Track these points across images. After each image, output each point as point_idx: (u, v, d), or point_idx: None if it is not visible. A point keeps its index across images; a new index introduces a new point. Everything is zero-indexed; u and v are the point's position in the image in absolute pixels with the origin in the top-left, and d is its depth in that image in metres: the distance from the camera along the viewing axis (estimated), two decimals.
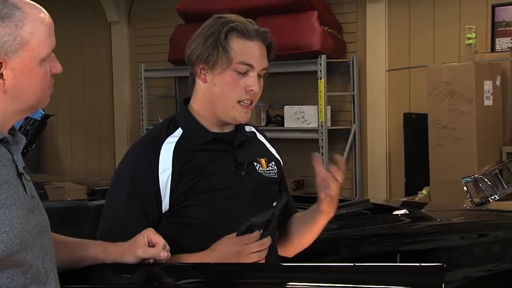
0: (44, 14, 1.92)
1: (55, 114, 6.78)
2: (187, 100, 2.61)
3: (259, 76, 2.52)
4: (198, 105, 2.56)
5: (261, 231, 2.33)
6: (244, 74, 2.48)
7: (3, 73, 1.86)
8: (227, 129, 2.57)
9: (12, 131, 1.97)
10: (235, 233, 2.34)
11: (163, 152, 2.47)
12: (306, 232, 2.71)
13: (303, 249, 2.76)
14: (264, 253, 2.36)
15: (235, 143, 2.57)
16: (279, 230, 2.70)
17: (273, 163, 2.68)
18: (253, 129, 2.72)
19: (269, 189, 2.63)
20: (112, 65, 9.29)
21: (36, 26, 1.89)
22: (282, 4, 7.32)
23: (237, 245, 2.33)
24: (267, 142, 2.75)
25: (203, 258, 2.38)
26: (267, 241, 2.35)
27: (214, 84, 2.49)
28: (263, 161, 2.64)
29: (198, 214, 2.45)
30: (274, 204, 2.37)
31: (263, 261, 2.38)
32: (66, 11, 8.66)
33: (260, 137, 2.74)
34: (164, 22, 8.48)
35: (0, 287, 1.85)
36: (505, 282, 3.51)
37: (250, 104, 2.52)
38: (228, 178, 2.51)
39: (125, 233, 2.34)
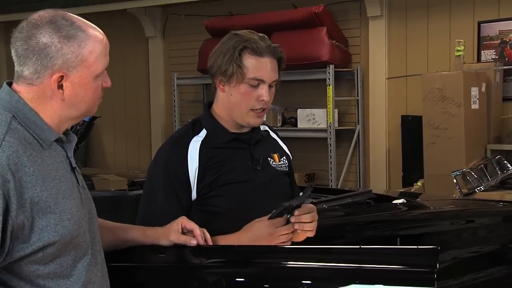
0: (102, 36, 1.94)
1: (100, 116, 6.81)
2: (210, 104, 2.61)
3: (270, 86, 2.51)
4: (219, 110, 2.56)
5: (289, 216, 2.35)
6: (256, 86, 2.47)
7: (63, 84, 1.88)
8: (245, 130, 2.58)
9: (65, 131, 1.99)
10: (267, 216, 2.35)
11: (190, 149, 2.48)
12: None
13: None
14: (291, 236, 2.38)
15: (251, 142, 2.58)
16: None
17: (284, 157, 2.68)
18: (267, 128, 2.72)
19: (281, 180, 2.63)
20: (149, 74, 9.31)
21: (95, 47, 1.90)
22: (296, 21, 7.30)
23: (269, 228, 2.34)
24: (279, 139, 2.76)
25: (239, 239, 2.38)
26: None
27: (231, 95, 2.49)
28: (275, 156, 2.65)
29: (221, 203, 2.46)
30: (300, 194, 2.38)
31: (290, 243, 2.39)
32: (110, 27, 8.65)
33: (273, 134, 2.74)
34: (193, 36, 8.49)
35: (66, 268, 1.88)
36: (489, 262, 3.49)
37: (263, 111, 2.51)
38: (246, 172, 2.52)
39: (163, 219, 2.35)
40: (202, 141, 2.50)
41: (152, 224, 2.35)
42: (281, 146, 2.73)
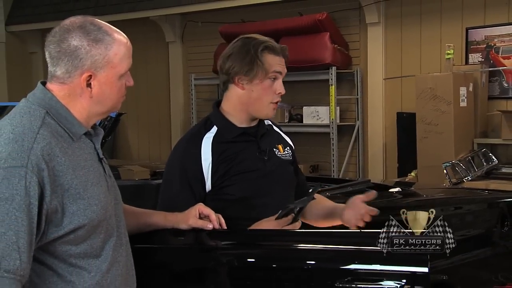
0: (126, 40, 1.95)
1: (126, 112, 6.82)
2: (218, 103, 2.61)
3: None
4: (230, 107, 2.55)
5: (294, 215, 2.34)
6: (274, 80, 2.48)
7: (91, 83, 1.88)
8: (252, 124, 2.57)
9: (93, 125, 1.99)
10: (274, 216, 2.35)
11: (203, 145, 2.47)
12: (321, 222, 2.72)
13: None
14: None
15: (258, 135, 2.58)
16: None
17: (288, 148, 2.69)
18: (270, 123, 2.72)
19: (286, 168, 2.64)
20: (169, 75, 9.31)
21: (120, 49, 1.90)
22: (302, 27, 7.28)
23: (276, 227, 2.34)
24: (282, 132, 2.76)
25: None
26: (298, 224, 2.38)
27: (252, 91, 2.49)
28: (280, 147, 2.65)
29: (234, 191, 2.46)
30: (310, 190, 2.38)
31: None
32: (134, 33, 8.63)
33: (276, 128, 2.75)
34: (209, 41, 8.48)
35: (95, 249, 1.89)
36: (475, 244, 3.48)
37: (277, 103, 2.52)
38: (255, 162, 2.52)
39: (178, 208, 2.35)
40: (214, 137, 2.50)
41: (169, 211, 2.35)
42: (284, 138, 2.74)
